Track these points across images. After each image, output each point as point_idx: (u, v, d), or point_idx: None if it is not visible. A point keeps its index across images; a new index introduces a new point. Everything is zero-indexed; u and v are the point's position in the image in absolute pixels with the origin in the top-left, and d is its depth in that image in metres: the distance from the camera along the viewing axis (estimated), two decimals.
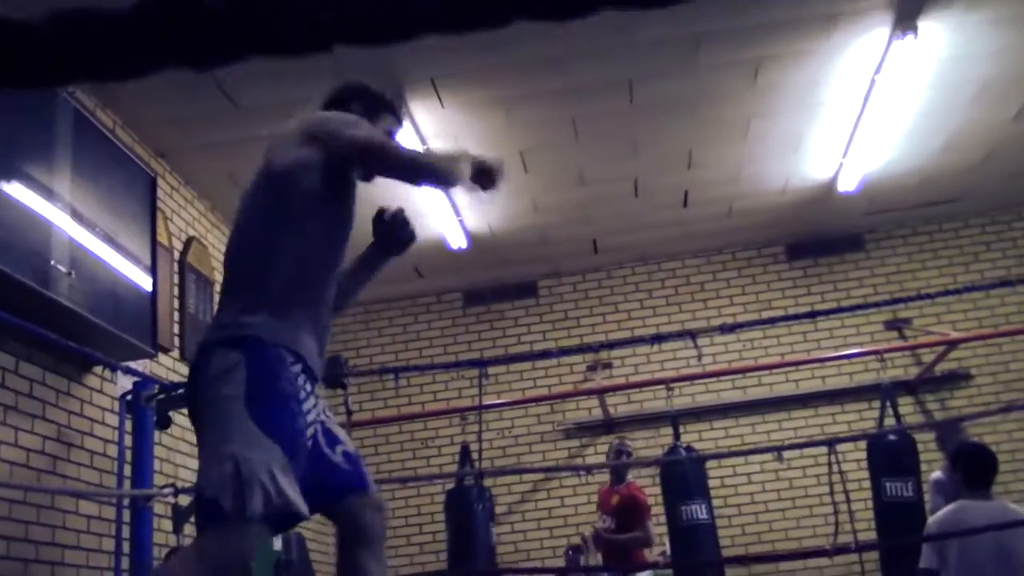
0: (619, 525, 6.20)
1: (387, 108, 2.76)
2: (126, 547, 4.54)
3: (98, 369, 4.97)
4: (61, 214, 4.35)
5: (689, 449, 6.48)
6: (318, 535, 7.77)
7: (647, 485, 7.68)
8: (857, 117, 6.24)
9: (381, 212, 2.69)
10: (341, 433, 2.51)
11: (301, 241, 2.39)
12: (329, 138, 2.45)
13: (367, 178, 2.63)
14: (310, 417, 2.33)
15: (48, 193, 4.28)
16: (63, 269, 4.29)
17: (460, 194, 2.74)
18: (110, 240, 4.74)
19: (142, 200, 5.17)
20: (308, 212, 2.41)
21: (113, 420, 4.95)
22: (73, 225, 4.43)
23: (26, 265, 4.05)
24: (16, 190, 4.08)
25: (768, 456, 7.47)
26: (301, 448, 2.25)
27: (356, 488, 2.46)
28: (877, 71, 5.70)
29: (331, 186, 2.44)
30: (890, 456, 5.74)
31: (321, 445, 2.40)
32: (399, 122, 2.82)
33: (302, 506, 2.19)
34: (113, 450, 4.88)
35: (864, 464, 7.36)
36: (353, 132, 2.47)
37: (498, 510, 7.47)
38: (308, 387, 2.34)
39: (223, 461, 2.13)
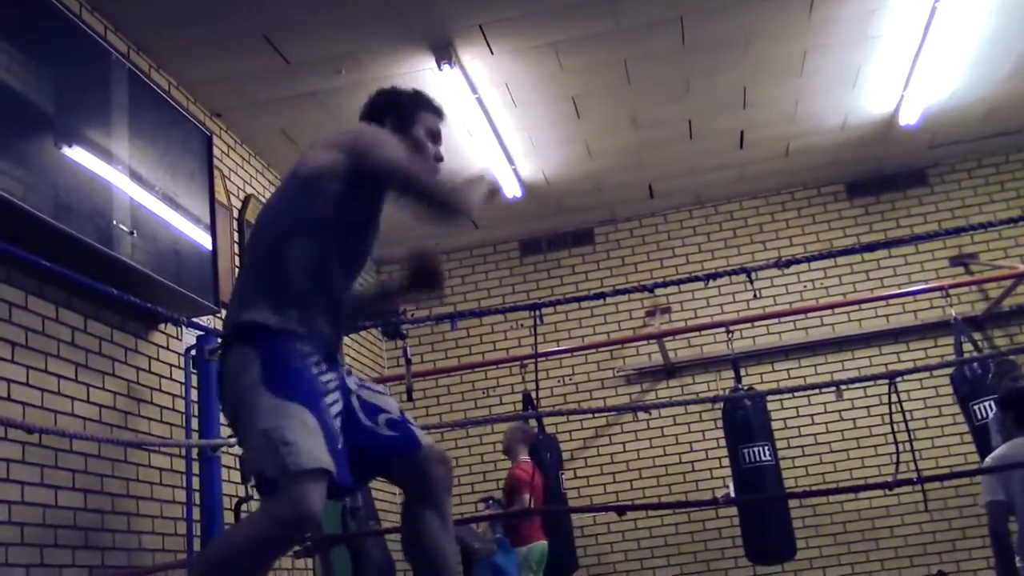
0: (508, 503, 6.53)
1: (421, 107, 2.78)
2: (197, 497, 4.68)
3: (163, 326, 5.08)
4: (121, 175, 4.44)
5: (750, 391, 6.45)
6: (384, 483, 7.92)
7: (709, 428, 7.70)
8: (918, 47, 6.06)
9: (418, 254, 2.71)
10: (383, 401, 2.56)
11: (316, 242, 2.47)
12: (360, 155, 2.51)
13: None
14: (329, 386, 2.40)
15: (107, 155, 4.37)
16: (125, 229, 4.38)
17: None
18: (169, 200, 4.83)
19: (199, 159, 5.24)
20: (327, 215, 2.48)
21: (180, 375, 5.07)
22: (133, 186, 4.52)
23: (90, 226, 4.15)
24: (76, 154, 4.16)
25: (831, 396, 7.37)
26: (325, 412, 2.31)
27: (408, 449, 2.51)
28: None
29: (353, 196, 2.51)
30: (975, 383, 5.67)
31: (360, 419, 2.47)
32: (437, 114, 2.81)
33: (321, 458, 2.20)
34: (181, 404, 5.01)
35: (931, 402, 7.33)
36: (383, 153, 2.53)
37: (562, 457, 7.53)
38: (323, 365, 2.43)
39: (257, 439, 2.25)
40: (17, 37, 3.86)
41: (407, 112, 2.75)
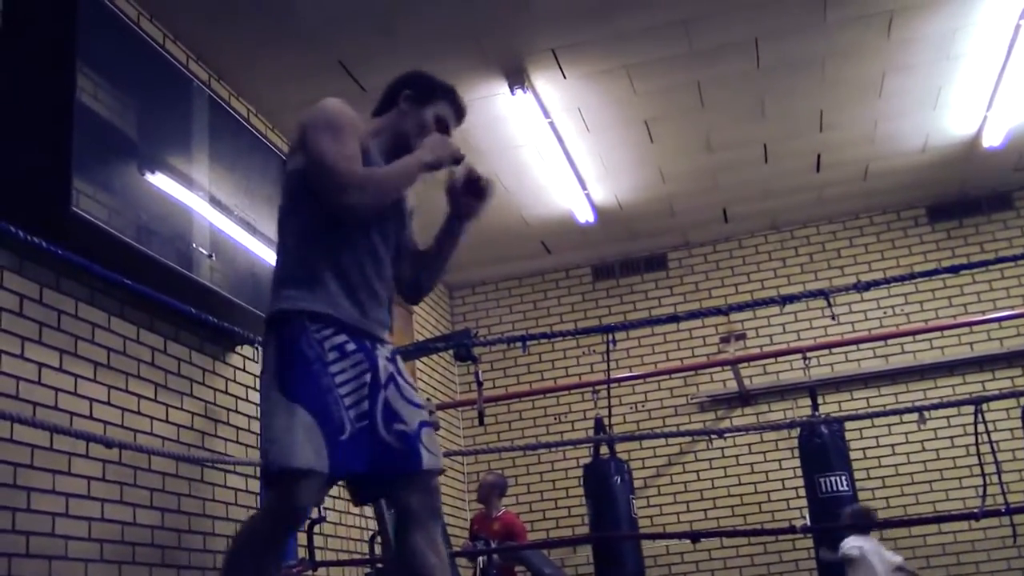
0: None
1: (441, 94, 2.72)
2: None
3: (240, 347, 5.17)
4: (201, 200, 4.53)
5: (827, 418, 6.30)
6: (455, 508, 7.91)
7: (786, 457, 7.54)
8: (1001, 67, 5.91)
9: (454, 180, 2.66)
10: (405, 411, 2.49)
11: (311, 217, 2.49)
12: (303, 138, 2.51)
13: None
14: (344, 376, 2.40)
15: (188, 181, 4.47)
16: (205, 252, 4.47)
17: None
18: (247, 224, 4.91)
19: (276, 184, 5.31)
20: (308, 204, 2.51)
21: (255, 396, 5.14)
22: (212, 210, 4.61)
23: (170, 249, 4.24)
24: (159, 179, 4.27)
25: (912, 426, 7.20)
26: (331, 406, 2.34)
27: (407, 469, 2.47)
28: (1022, 16, 5.39)
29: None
30: None
31: (377, 423, 2.43)
32: (456, 110, 2.74)
33: (302, 458, 2.25)
34: (256, 425, 5.07)
35: (1019, 433, 7.07)
36: (320, 138, 2.46)
37: (634, 484, 7.44)
38: (349, 346, 2.44)
39: (263, 432, 2.40)
40: (104, 66, 3.98)
41: (428, 91, 2.71)
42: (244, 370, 5.21)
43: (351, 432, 2.36)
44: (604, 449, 6.67)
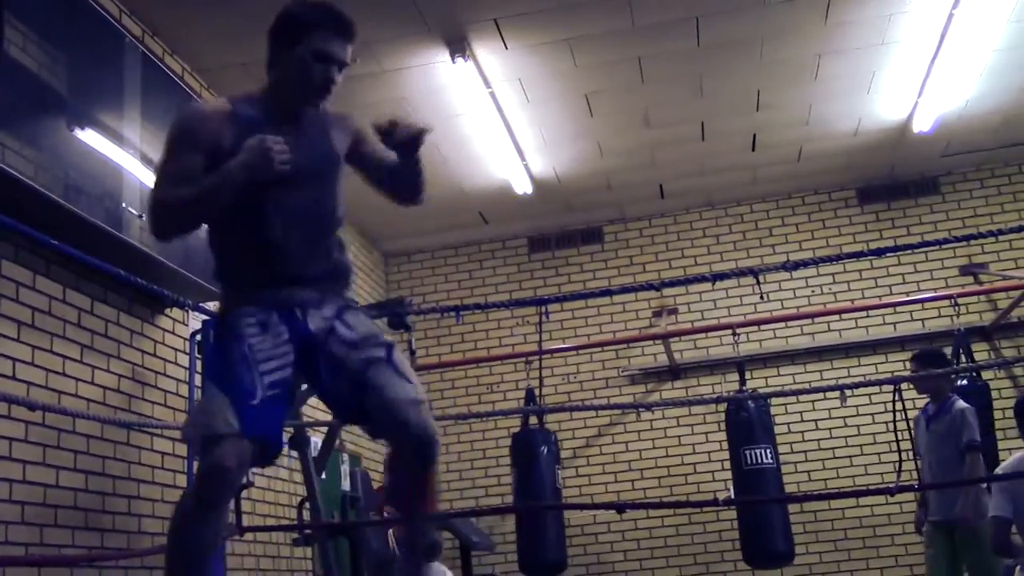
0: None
1: (311, 25, 2.50)
2: None
3: (169, 310, 5.09)
4: (132, 159, 4.45)
5: (754, 393, 6.43)
6: (384, 474, 7.93)
7: (712, 431, 7.69)
8: (933, 55, 6.04)
9: (382, 130, 2.57)
10: (364, 341, 2.60)
11: (225, 216, 2.52)
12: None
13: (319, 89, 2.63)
14: (263, 348, 2.46)
15: (119, 138, 4.38)
16: (135, 212, 4.39)
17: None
18: None
19: None
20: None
21: (184, 359, 5.08)
22: (143, 169, 4.52)
23: (99, 208, 4.16)
24: (88, 136, 4.17)
25: (835, 402, 7.39)
26: (241, 376, 2.41)
27: (389, 379, 2.59)
28: (955, 5, 5.50)
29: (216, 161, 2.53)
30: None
31: (335, 350, 2.55)
32: (336, 30, 2.53)
33: (212, 427, 2.34)
34: (185, 389, 5.02)
35: None
36: (162, 161, 2.55)
37: (563, 455, 7.53)
38: (267, 321, 2.51)
39: (192, 412, 2.60)
40: (34, 18, 3.87)
41: (292, 29, 2.51)
42: (173, 332, 5.14)
43: (262, 397, 2.40)
44: (533, 420, 6.74)
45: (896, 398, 4.68)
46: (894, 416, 4.60)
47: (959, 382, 5.69)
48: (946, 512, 4.97)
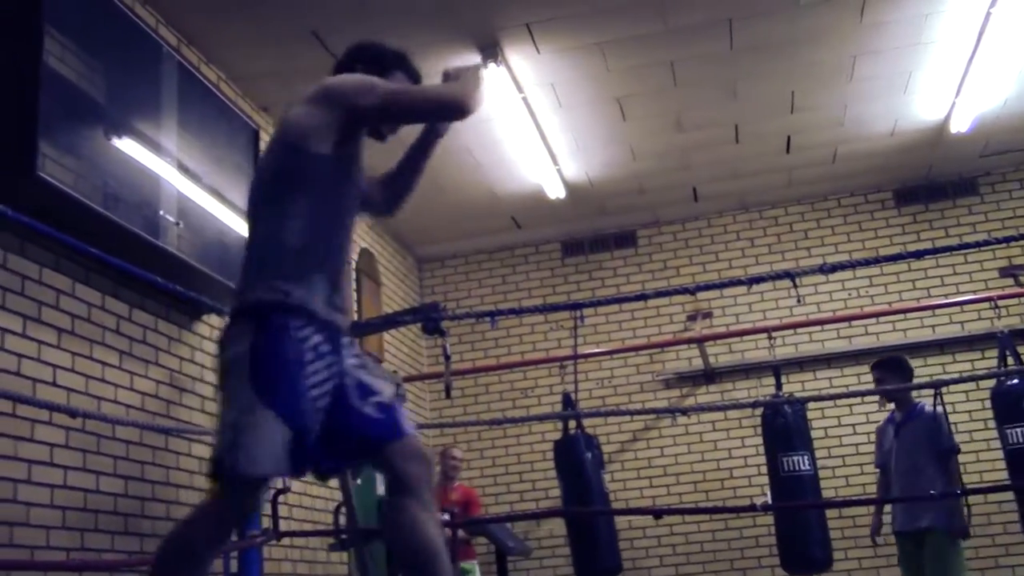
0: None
1: (397, 63, 2.72)
2: None
3: (207, 316, 5.14)
4: (169, 167, 4.49)
5: (791, 398, 6.36)
6: None
7: (748, 435, 7.63)
8: (971, 53, 5.97)
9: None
10: (378, 384, 2.50)
11: (311, 205, 2.45)
12: (346, 101, 2.48)
13: (384, 135, 2.69)
14: (318, 377, 2.37)
15: (156, 147, 4.42)
16: (172, 220, 4.44)
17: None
18: (215, 191, 4.88)
19: (245, 152, 5.28)
20: (318, 175, 2.46)
21: None
22: (180, 177, 4.57)
23: (137, 216, 4.20)
24: (126, 145, 4.22)
25: (873, 407, 7.30)
26: (305, 411, 2.32)
27: (390, 437, 2.45)
28: (993, 4, 5.44)
29: (341, 149, 2.49)
30: (1009, 402, 5.52)
31: (351, 399, 2.42)
32: (410, 76, 2.75)
33: (261, 466, 2.27)
34: None
35: (976, 415, 7.18)
36: (369, 93, 2.50)
37: None
38: (323, 347, 2.40)
39: (225, 426, 2.34)
40: (72, 29, 3.92)
41: (380, 60, 2.70)
42: (210, 339, 5.18)
43: (315, 435, 2.35)
44: (572, 424, 6.71)
45: (937, 401, 4.62)
46: (935, 419, 4.53)
47: (1009, 382, 5.57)
48: (915, 522, 4.89)
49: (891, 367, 5.29)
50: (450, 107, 2.57)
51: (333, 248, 2.50)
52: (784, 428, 6.21)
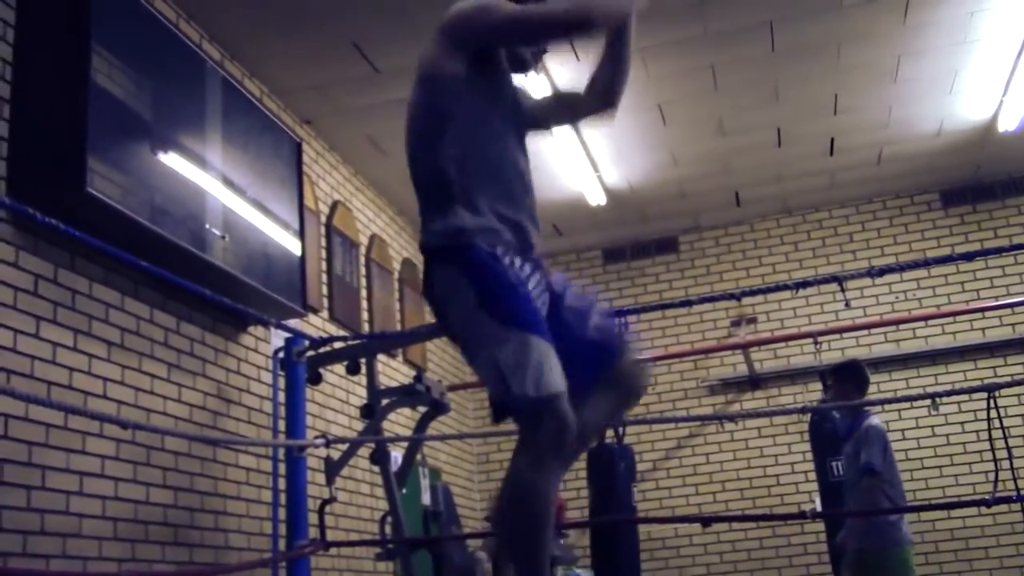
0: None
1: None
2: (283, 497, 4.75)
3: (253, 329, 5.18)
4: (214, 181, 4.54)
5: (839, 403, 6.28)
6: (465, 490, 7.95)
7: (795, 441, 7.55)
8: (1018, 51, 5.88)
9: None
10: (586, 301, 2.46)
11: (462, 130, 2.40)
12: (467, 25, 2.43)
13: (526, 64, 2.61)
14: (536, 289, 2.35)
15: (201, 161, 4.48)
16: (218, 233, 4.48)
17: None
18: (260, 205, 4.92)
19: (289, 166, 5.33)
20: (459, 99, 2.42)
21: (268, 377, 5.16)
22: (225, 191, 4.62)
23: (184, 230, 4.25)
24: (172, 159, 4.27)
25: (923, 412, 7.20)
26: (545, 325, 2.26)
27: (619, 348, 2.40)
28: None
29: (477, 69, 2.44)
30: None
31: (572, 328, 2.37)
32: None
33: (554, 383, 2.18)
34: (268, 405, 5.09)
35: None
36: (492, 15, 2.42)
37: (642, 467, 7.46)
38: (526, 268, 2.36)
39: (488, 368, 2.24)
40: (119, 46, 3.98)
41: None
42: (256, 351, 5.23)
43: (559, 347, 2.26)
44: (610, 432, 6.67)
45: (990, 405, 4.52)
46: (988, 424, 4.43)
47: None
48: (855, 540, 4.81)
49: (844, 374, 5.18)
50: (576, 24, 2.45)
51: (502, 166, 2.43)
52: (832, 433, 6.14)
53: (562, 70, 5.72)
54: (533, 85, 5.72)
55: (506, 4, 2.47)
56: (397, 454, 5.66)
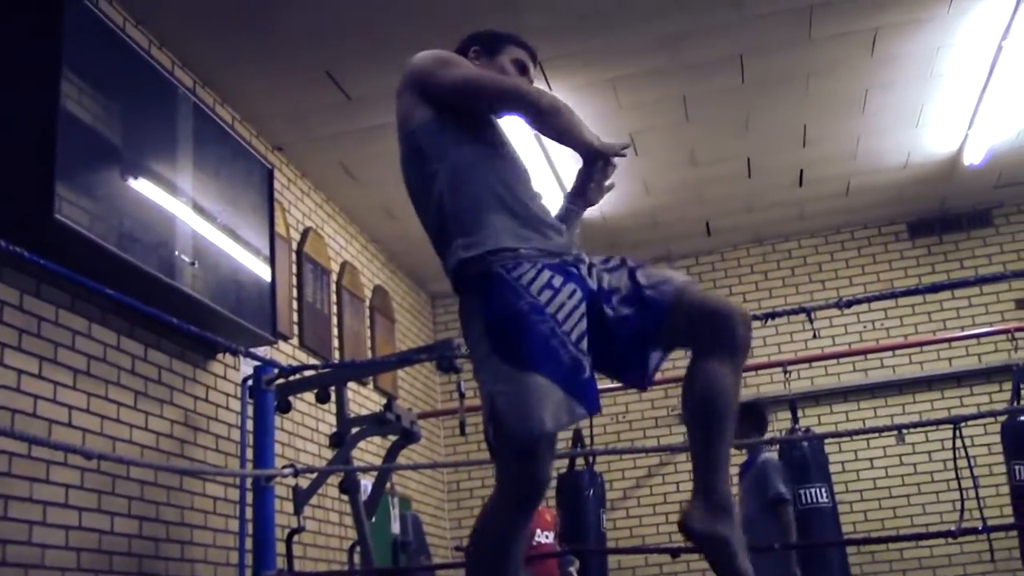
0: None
1: (507, 40, 2.72)
2: (250, 527, 4.69)
3: (222, 356, 5.14)
4: (184, 207, 4.52)
5: (808, 432, 6.32)
6: (435, 519, 7.90)
7: None
8: (983, 86, 5.97)
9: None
10: (615, 279, 2.42)
11: (449, 165, 2.43)
12: (423, 79, 2.49)
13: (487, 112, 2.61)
14: (563, 312, 2.26)
15: (172, 187, 4.45)
16: (187, 259, 4.45)
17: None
18: (230, 231, 4.90)
19: (260, 192, 5.31)
20: (437, 141, 2.46)
21: (236, 405, 5.12)
22: (195, 217, 4.60)
23: (153, 256, 4.22)
24: (142, 185, 4.25)
25: (891, 440, 7.26)
26: (562, 355, 2.21)
27: (656, 318, 2.33)
28: (1004, 36, 5.45)
29: (444, 108, 2.49)
30: (1021, 438, 5.47)
31: (607, 314, 2.34)
32: (527, 51, 2.72)
33: (535, 424, 2.16)
34: (237, 434, 5.05)
35: (996, 449, 7.11)
36: (444, 72, 2.48)
37: (613, 495, 7.45)
38: (556, 279, 2.29)
39: (484, 401, 2.29)
40: (89, 72, 3.96)
41: (495, 42, 2.71)
42: (225, 378, 5.18)
43: (590, 364, 2.24)
44: (580, 460, 6.66)
45: (956, 434, 4.57)
46: (954, 454, 4.48)
47: (1022, 418, 5.53)
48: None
49: (742, 413, 5.22)
50: (524, 103, 2.48)
51: (500, 182, 2.42)
52: (802, 462, 6.18)
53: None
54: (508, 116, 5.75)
55: (464, 62, 2.53)
56: (367, 483, 5.62)
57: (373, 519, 5.32)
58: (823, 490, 6.14)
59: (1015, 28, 5.33)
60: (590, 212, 7.40)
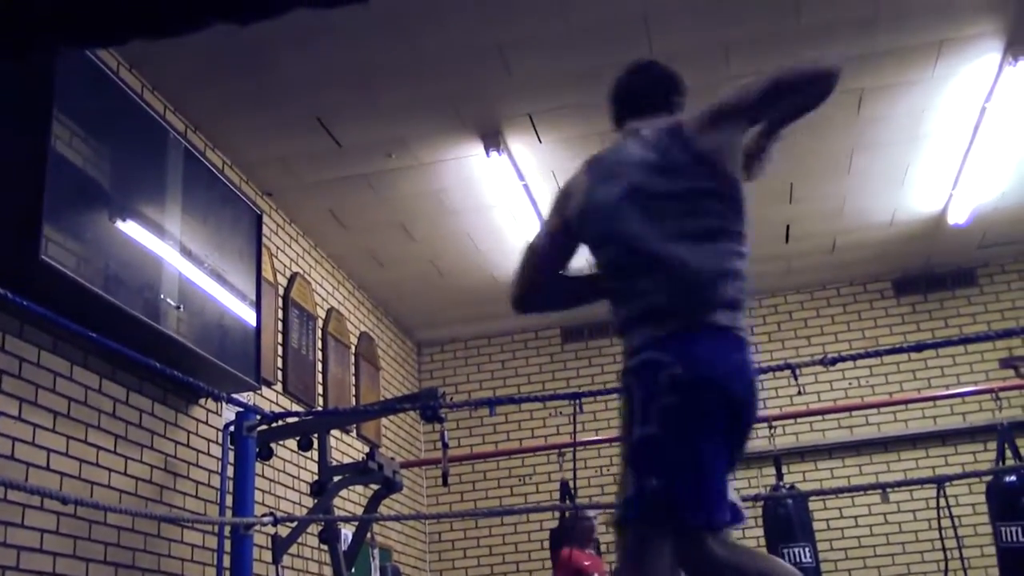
0: None
1: (683, 86, 2.77)
2: (227, 575, 4.63)
3: (204, 401, 5.10)
4: (171, 250, 4.51)
5: (792, 489, 6.29)
6: (416, 570, 7.80)
7: (748, 527, 7.51)
8: (967, 148, 6.05)
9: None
10: None
11: (605, 273, 2.62)
12: (749, 102, 2.49)
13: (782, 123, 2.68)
14: (715, 418, 2.31)
15: (159, 231, 4.45)
16: (172, 303, 4.44)
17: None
18: (217, 275, 4.89)
19: (248, 237, 5.32)
20: (590, 257, 2.70)
21: (217, 451, 5.07)
22: (182, 261, 4.59)
23: (138, 299, 4.20)
24: (130, 228, 4.24)
25: (876, 499, 7.23)
26: (722, 478, 2.33)
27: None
28: (987, 99, 5.53)
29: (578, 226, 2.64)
30: (1006, 499, 5.46)
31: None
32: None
33: (655, 516, 2.22)
34: (217, 480, 4.99)
35: (980, 508, 7.09)
36: (773, 78, 2.47)
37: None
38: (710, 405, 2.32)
39: (624, 478, 2.33)
40: (81, 114, 3.97)
41: (679, 87, 2.76)
42: (207, 423, 5.14)
43: (730, 492, 2.38)
44: (568, 513, 6.61)
45: (940, 493, 4.56)
46: (938, 514, 4.48)
47: (1007, 478, 5.53)
48: None
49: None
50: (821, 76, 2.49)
51: (663, 268, 2.44)
52: (786, 519, 6.14)
53: (525, 151, 5.80)
54: (498, 168, 5.79)
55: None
56: (347, 532, 5.56)
57: (353, 570, 5.26)
58: (807, 550, 6.10)
59: (998, 91, 5.41)
60: (577, 263, 7.36)
